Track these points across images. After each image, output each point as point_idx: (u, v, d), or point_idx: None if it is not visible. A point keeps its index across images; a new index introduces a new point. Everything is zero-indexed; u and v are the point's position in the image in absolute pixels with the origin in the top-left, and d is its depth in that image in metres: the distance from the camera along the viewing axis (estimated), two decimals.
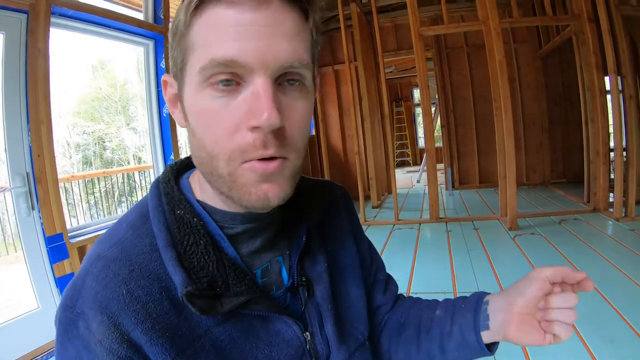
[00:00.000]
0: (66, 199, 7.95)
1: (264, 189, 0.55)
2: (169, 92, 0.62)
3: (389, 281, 0.93)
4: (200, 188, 0.66)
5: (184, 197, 0.64)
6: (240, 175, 0.54)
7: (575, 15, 5.39)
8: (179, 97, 0.59)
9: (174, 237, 0.59)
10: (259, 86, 0.50)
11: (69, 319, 0.55)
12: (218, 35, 0.50)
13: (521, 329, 0.65)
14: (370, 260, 0.89)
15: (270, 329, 0.64)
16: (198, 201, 0.65)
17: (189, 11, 0.51)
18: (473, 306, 0.73)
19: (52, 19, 3.12)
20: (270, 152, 0.52)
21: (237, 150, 0.52)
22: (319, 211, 0.76)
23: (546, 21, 6.07)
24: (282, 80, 0.53)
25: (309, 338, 0.68)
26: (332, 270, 0.76)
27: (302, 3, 0.54)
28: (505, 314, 0.67)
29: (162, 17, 4.34)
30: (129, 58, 15.31)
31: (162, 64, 4.40)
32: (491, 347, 0.72)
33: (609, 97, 5.29)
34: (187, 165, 0.72)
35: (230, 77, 0.51)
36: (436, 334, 0.77)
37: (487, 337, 0.70)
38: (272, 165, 0.53)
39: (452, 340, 0.74)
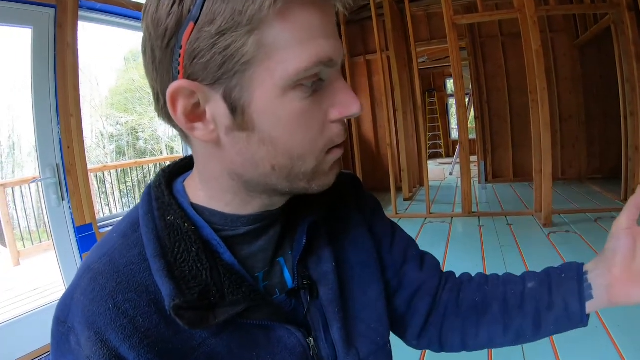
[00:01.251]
0: (99, 188, 8.12)
1: (337, 169, 0.59)
2: (183, 105, 0.50)
3: (425, 256, 0.85)
4: (197, 191, 0.62)
5: (174, 202, 0.60)
6: (324, 165, 0.56)
7: (614, 3, 5.16)
8: (208, 109, 0.51)
9: (163, 246, 0.55)
10: (341, 81, 0.54)
11: (61, 333, 0.53)
12: (312, 36, 0.49)
13: (628, 285, 0.62)
14: (391, 242, 0.82)
15: (271, 337, 0.60)
16: (193, 205, 0.61)
17: (267, 10, 0.44)
18: (575, 275, 0.69)
19: (80, 13, 3.16)
20: (345, 134, 0.57)
21: (327, 143, 0.55)
22: (324, 206, 0.71)
23: (584, 9, 5.83)
24: None
25: (312, 343, 0.64)
26: (341, 269, 0.71)
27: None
28: (606, 278, 0.64)
29: None
30: None
31: None
32: (587, 318, 0.69)
33: None
34: (181, 167, 0.69)
35: (320, 77, 0.51)
36: (531, 308, 0.72)
37: (590, 307, 0.67)
38: (342, 148, 0.58)
39: (552, 313, 0.70)
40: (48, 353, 2.88)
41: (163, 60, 0.50)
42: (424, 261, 0.83)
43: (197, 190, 0.62)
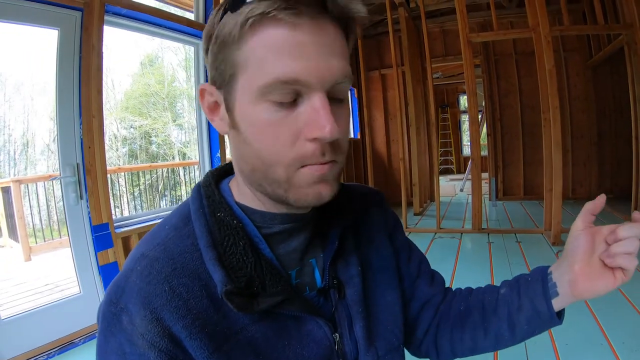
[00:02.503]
0: (111, 190, 8.19)
1: (319, 188, 0.60)
2: (207, 100, 0.64)
3: (435, 273, 0.93)
4: (239, 191, 0.68)
5: (224, 200, 0.67)
6: (298, 178, 0.58)
7: (627, 25, 5.21)
8: (221, 106, 0.63)
9: (214, 238, 0.62)
10: (317, 102, 0.55)
11: (112, 313, 0.57)
12: (278, 55, 0.53)
13: (589, 278, 0.68)
14: (408, 255, 0.89)
15: (301, 328, 0.65)
16: (237, 204, 0.67)
17: (244, 28, 0.53)
18: (539, 277, 0.75)
19: (106, 17, 3.23)
20: (326, 158, 0.58)
21: (297, 158, 0.56)
22: (353, 214, 0.77)
23: (597, 30, 5.87)
24: (331, 93, 0.58)
25: (337, 339, 0.69)
26: (365, 273, 0.77)
27: (346, 26, 0.59)
28: (569, 275, 0.70)
29: None
30: (177, 56, 15.69)
31: None
32: (560, 315, 0.74)
33: None
34: (226, 171, 0.76)
35: (291, 96, 0.55)
36: (504, 311, 0.78)
37: (557, 304, 0.72)
38: (326, 167, 0.58)
39: (522, 314, 0.75)
40: (58, 348, 2.93)
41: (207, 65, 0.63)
42: (434, 278, 0.92)
43: (239, 191, 0.69)
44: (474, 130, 5.65)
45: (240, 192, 0.68)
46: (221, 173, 0.75)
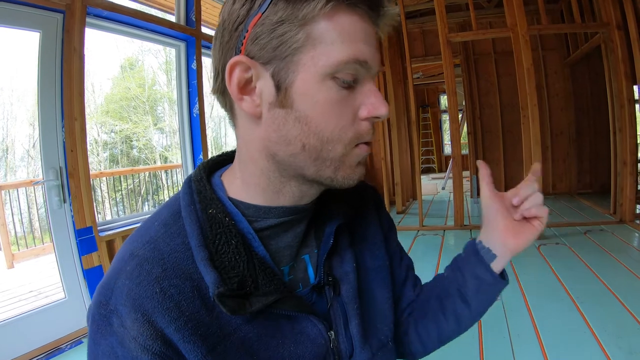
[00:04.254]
0: (93, 196, 8.12)
1: (361, 169, 0.65)
2: (238, 77, 0.59)
3: (418, 279, 0.96)
4: (234, 185, 0.67)
5: (215, 196, 0.65)
6: (351, 157, 0.62)
7: (603, 23, 5.33)
8: (257, 83, 0.59)
9: (206, 237, 0.60)
10: (373, 86, 0.61)
11: (102, 316, 0.56)
12: (354, 39, 0.57)
13: (515, 233, 0.73)
14: (400, 257, 0.91)
15: (295, 327, 0.65)
16: (230, 199, 0.66)
17: (322, 9, 0.54)
18: (472, 249, 0.79)
19: (88, 19, 3.22)
20: (373, 137, 0.63)
21: (356, 136, 0.60)
22: (349, 211, 0.77)
23: (574, 28, 6.01)
24: None
25: (333, 337, 0.69)
26: (359, 270, 0.77)
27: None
28: (497, 236, 0.74)
29: (193, 19, 4.44)
30: (157, 59, 15.60)
31: (193, 65, 4.50)
32: (503, 276, 0.78)
33: (638, 106, 5.18)
34: (218, 163, 0.75)
35: (354, 78, 0.58)
36: (454, 290, 0.81)
37: (496, 266, 0.76)
38: (369, 147, 0.64)
39: (469, 286, 0.78)
40: (45, 354, 2.90)
41: (230, 41, 0.59)
42: (416, 282, 0.94)
43: (235, 179, 0.68)
44: (454, 129, 5.71)
45: (236, 185, 0.67)
46: (213, 165, 0.73)
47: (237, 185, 0.67)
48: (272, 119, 0.59)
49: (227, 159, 0.76)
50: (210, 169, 0.72)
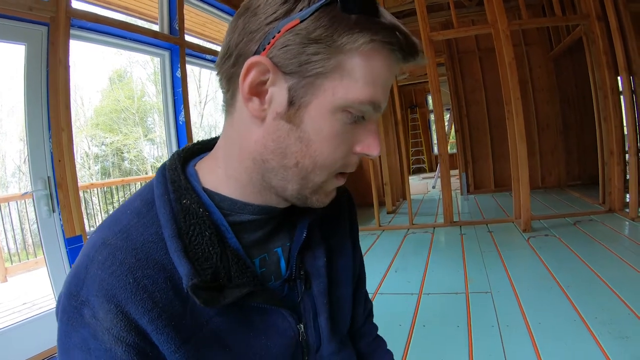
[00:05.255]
0: (85, 209, 8.11)
1: (332, 195, 0.68)
2: (254, 77, 0.56)
3: (367, 296, 1.01)
4: (210, 176, 0.67)
5: (190, 186, 0.64)
6: (329, 184, 0.64)
7: (584, 15, 5.40)
8: (269, 90, 0.57)
9: (179, 228, 0.59)
10: (375, 127, 0.63)
11: (73, 307, 0.55)
12: (378, 82, 0.58)
13: None
14: (360, 270, 0.94)
15: (267, 319, 0.66)
16: (204, 189, 0.65)
17: (357, 42, 0.54)
18: None
19: (72, 31, 3.25)
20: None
21: (343, 167, 0.63)
22: (323, 209, 0.75)
23: (555, 22, 6.09)
24: None
25: (302, 330, 0.71)
26: (330, 266, 0.78)
27: None
28: None
29: (177, 28, 4.48)
30: (146, 70, 15.60)
31: (178, 73, 4.53)
32: None
33: (622, 97, 5.24)
34: (193, 152, 0.73)
35: (364, 114, 0.60)
36: None
37: None
38: (346, 178, 0.67)
39: None
40: None
41: (257, 32, 0.56)
42: (367, 301, 1.00)
43: (216, 168, 0.67)
44: (439, 128, 5.75)
45: (216, 175, 0.66)
46: (188, 155, 0.72)
47: (217, 175, 0.66)
48: (275, 128, 0.59)
49: (202, 147, 0.75)
50: (184, 158, 0.71)
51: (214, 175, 0.66)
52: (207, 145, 0.75)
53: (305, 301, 0.73)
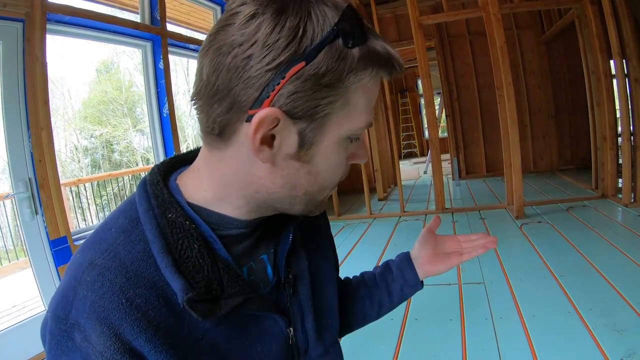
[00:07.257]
0: (75, 203, 8.05)
1: (325, 204, 0.71)
2: (267, 131, 0.53)
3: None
4: (193, 191, 0.64)
5: (174, 200, 0.62)
6: (326, 196, 0.67)
7: None
8: (276, 138, 0.54)
9: (168, 242, 0.58)
10: (363, 138, 0.66)
11: (62, 331, 0.53)
12: (370, 105, 0.59)
13: (432, 263, 0.95)
14: (336, 254, 0.98)
15: (261, 326, 0.66)
16: (189, 204, 0.63)
17: (363, 81, 0.54)
18: (404, 256, 1.01)
19: (48, 26, 3.16)
20: None
21: (340, 179, 0.65)
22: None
23: (547, 5, 6.02)
24: None
25: (291, 333, 0.71)
26: (312, 267, 0.79)
27: None
28: (418, 260, 0.97)
29: (158, 18, 4.38)
30: (133, 60, 15.44)
31: (161, 65, 4.45)
32: (422, 283, 0.98)
33: (615, 81, 5.20)
34: (172, 166, 0.71)
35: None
36: (382, 284, 1.00)
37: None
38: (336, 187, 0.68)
39: (396, 283, 0.99)
40: None
41: (257, 78, 0.51)
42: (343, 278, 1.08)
43: (201, 191, 0.64)
44: (430, 112, 5.72)
45: (202, 191, 0.63)
46: (168, 168, 0.69)
47: (205, 196, 0.63)
48: (284, 167, 0.58)
49: (179, 162, 0.72)
50: (165, 172, 0.68)
51: (201, 196, 0.64)
52: (184, 160, 0.72)
53: (293, 305, 0.73)
